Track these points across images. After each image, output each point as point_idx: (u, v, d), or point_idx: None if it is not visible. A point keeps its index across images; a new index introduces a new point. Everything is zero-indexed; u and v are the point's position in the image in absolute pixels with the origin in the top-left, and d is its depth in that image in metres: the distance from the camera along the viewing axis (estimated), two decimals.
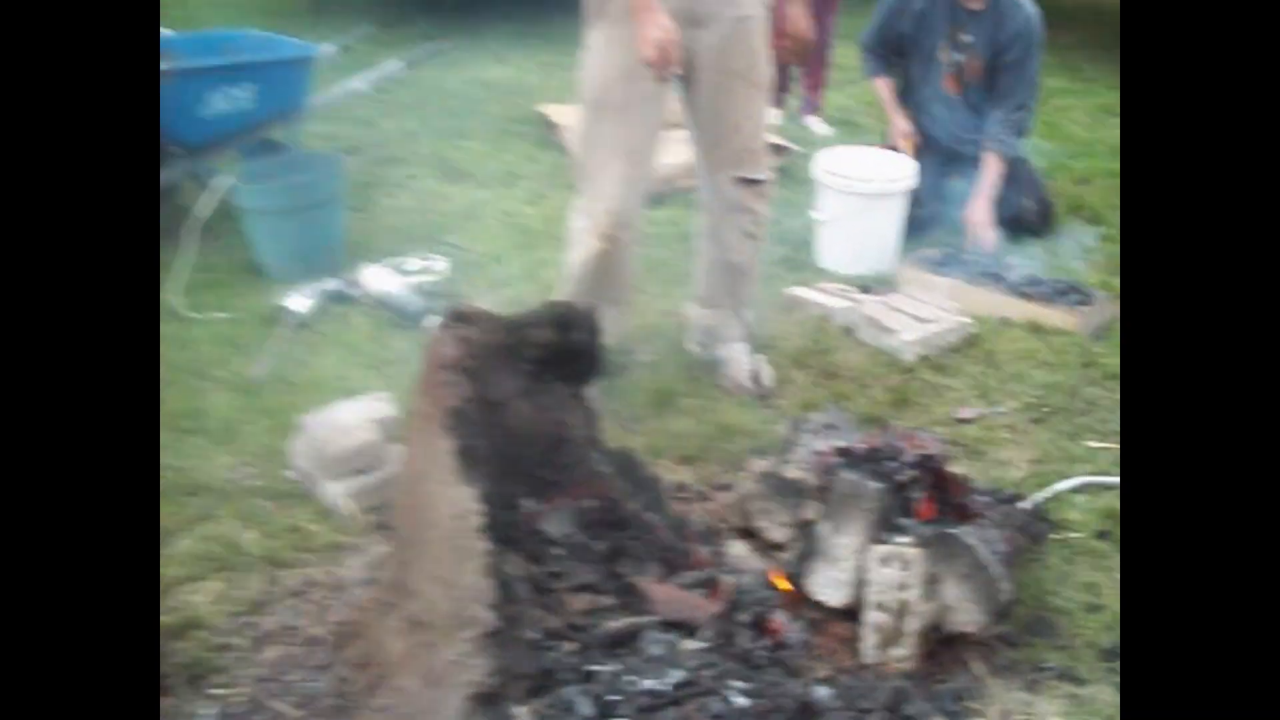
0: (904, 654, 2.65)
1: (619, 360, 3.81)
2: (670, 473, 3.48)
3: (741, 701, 2.34)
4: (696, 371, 4.06)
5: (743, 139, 3.80)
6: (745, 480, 3.12)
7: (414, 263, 4.94)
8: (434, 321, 4.45)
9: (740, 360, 3.99)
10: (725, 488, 3.37)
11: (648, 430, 3.70)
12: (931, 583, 2.67)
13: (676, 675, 2.38)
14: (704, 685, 2.37)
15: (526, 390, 2.74)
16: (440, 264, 4.96)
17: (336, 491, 3.22)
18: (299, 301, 4.53)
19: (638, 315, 4.40)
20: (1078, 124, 7.18)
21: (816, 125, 6.95)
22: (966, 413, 3.78)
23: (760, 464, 3.42)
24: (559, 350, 2.75)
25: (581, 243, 3.75)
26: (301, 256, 4.80)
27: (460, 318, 2.63)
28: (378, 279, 4.67)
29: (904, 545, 2.68)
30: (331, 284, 4.69)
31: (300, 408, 3.51)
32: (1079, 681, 2.65)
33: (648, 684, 2.36)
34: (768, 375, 4.00)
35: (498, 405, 2.70)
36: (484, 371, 2.65)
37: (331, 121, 6.36)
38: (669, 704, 2.32)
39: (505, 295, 4.72)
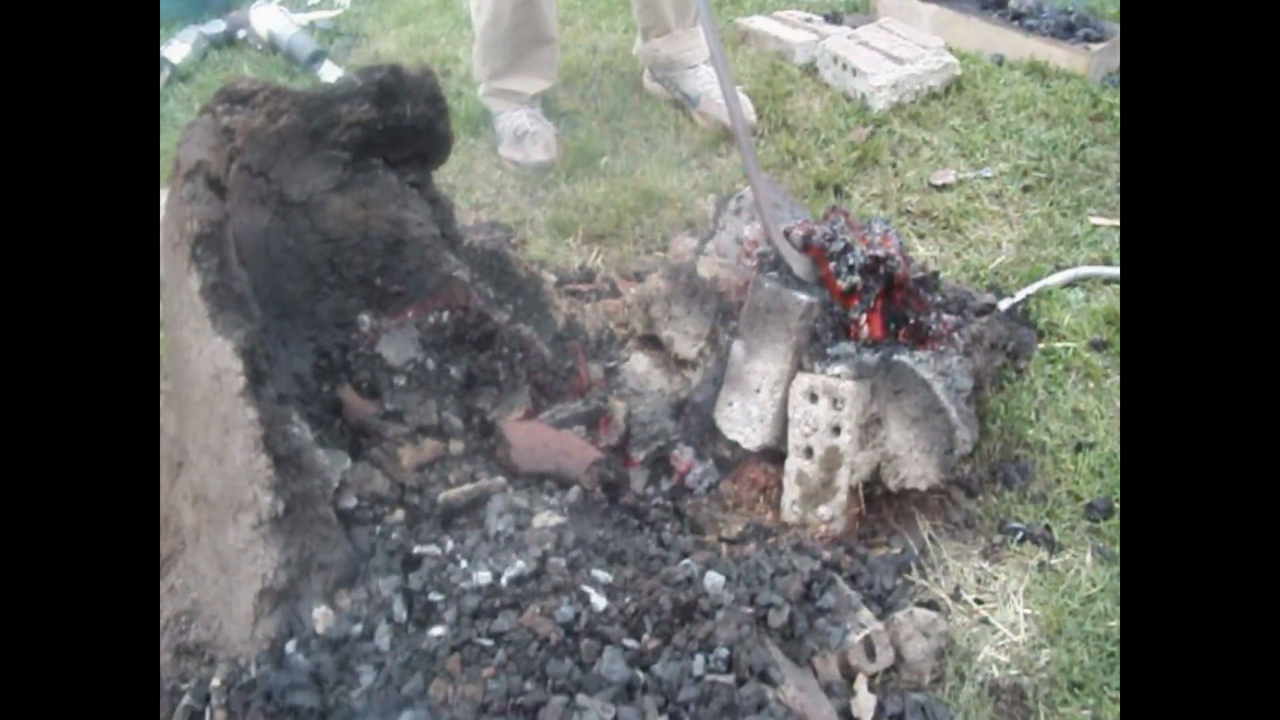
0: (832, 514, 2.07)
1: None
2: (576, 255, 2.85)
3: (600, 602, 1.76)
4: (623, 123, 3.34)
5: None
6: (653, 275, 2.46)
7: None
8: (329, 68, 3.74)
9: (714, 88, 3.30)
10: (638, 277, 2.73)
11: (555, 201, 3.03)
12: (871, 425, 2.07)
13: (519, 565, 1.80)
14: (554, 579, 1.79)
15: (342, 184, 2.07)
16: None
17: None
18: (176, 49, 3.88)
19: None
20: None
21: None
22: (944, 176, 3.07)
23: (685, 244, 2.77)
24: (384, 130, 2.08)
25: None
26: None
27: (231, 98, 1.93)
28: (267, 18, 3.94)
29: (837, 376, 2.05)
30: (215, 26, 4.03)
31: None
32: (1052, 547, 2.07)
33: (481, 577, 1.78)
34: (748, 106, 3.31)
35: (303, 206, 2.04)
36: (277, 165, 1.99)
37: None
38: (506, 606, 1.74)
39: (412, 32, 3.97)
